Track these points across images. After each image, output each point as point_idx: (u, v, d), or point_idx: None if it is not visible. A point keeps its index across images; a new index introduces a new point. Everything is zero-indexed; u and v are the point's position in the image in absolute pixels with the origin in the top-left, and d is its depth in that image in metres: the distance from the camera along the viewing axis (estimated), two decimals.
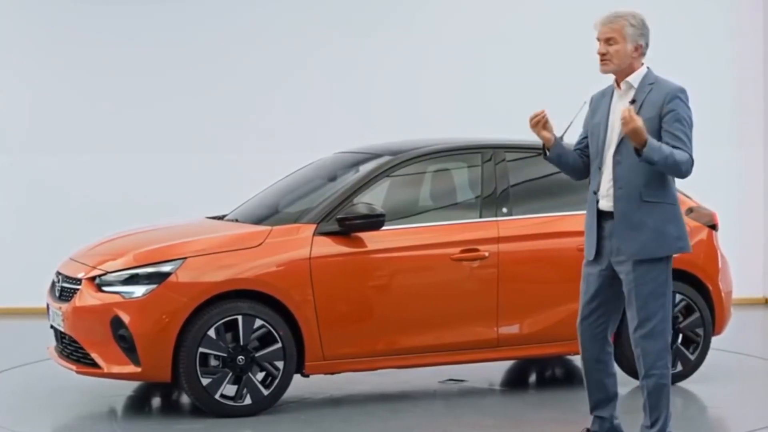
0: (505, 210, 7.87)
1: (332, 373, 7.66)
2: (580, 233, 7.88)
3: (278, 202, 8.13)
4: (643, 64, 6.10)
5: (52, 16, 12.16)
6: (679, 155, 5.84)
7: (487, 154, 7.98)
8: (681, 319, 8.15)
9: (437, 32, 12.29)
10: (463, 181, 8.09)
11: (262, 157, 11.79)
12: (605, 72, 6.11)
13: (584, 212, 7.99)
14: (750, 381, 8.66)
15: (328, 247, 7.46)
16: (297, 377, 7.48)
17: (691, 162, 5.90)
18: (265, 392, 7.31)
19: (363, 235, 7.53)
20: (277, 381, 7.32)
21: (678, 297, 8.13)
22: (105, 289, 7.31)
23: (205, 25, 12.19)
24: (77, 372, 7.44)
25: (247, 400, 7.28)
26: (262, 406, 7.33)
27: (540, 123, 6.25)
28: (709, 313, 8.22)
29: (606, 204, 6.11)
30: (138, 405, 7.91)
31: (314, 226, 7.49)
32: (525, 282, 7.83)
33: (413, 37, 12.28)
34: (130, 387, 8.17)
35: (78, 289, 7.42)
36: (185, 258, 7.28)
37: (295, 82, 12.16)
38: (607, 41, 6.04)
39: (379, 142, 8.53)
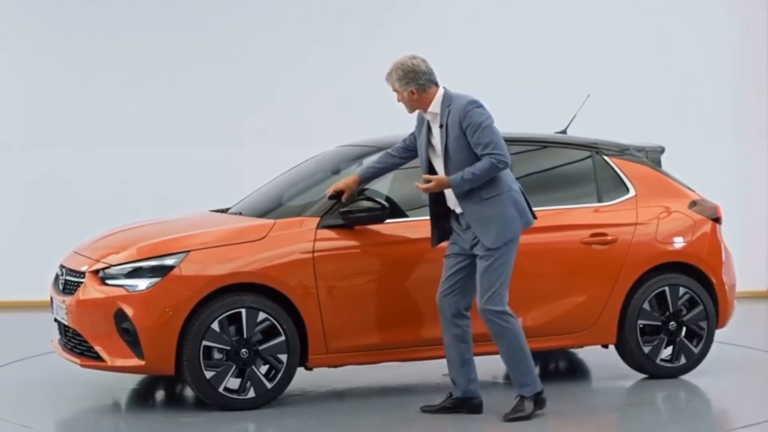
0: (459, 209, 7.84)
1: (335, 366, 7.66)
2: (582, 226, 7.99)
3: (282, 196, 8.13)
4: (437, 87, 7.16)
5: (50, 12, 12.16)
6: (479, 167, 6.85)
7: None
8: (684, 312, 8.14)
9: (437, 26, 12.28)
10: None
11: (263, 152, 11.80)
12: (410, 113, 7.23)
13: (586, 206, 8.00)
14: (753, 374, 8.66)
15: (331, 240, 7.46)
16: (300, 370, 7.48)
17: (495, 160, 6.84)
18: (269, 385, 7.32)
19: (366, 228, 7.52)
20: (280, 374, 7.32)
21: (681, 290, 8.12)
22: (108, 282, 7.31)
23: (204, 19, 12.19)
24: (81, 365, 7.44)
25: (251, 393, 7.28)
26: (266, 399, 7.33)
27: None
28: (712, 306, 8.22)
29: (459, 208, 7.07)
30: (142, 398, 7.91)
31: (318, 219, 7.49)
32: (528, 275, 7.79)
33: (413, 31, 12.26)
34: (133, 380, 8.18)
35: (82, 283, 7.42)
36: (189, 251, 7.28)
37: (295, 76, 12.16)
38: (396, 93, 7.25)
39: (382, 135, 8.52)
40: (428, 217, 7.68)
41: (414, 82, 7.10)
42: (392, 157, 7.50)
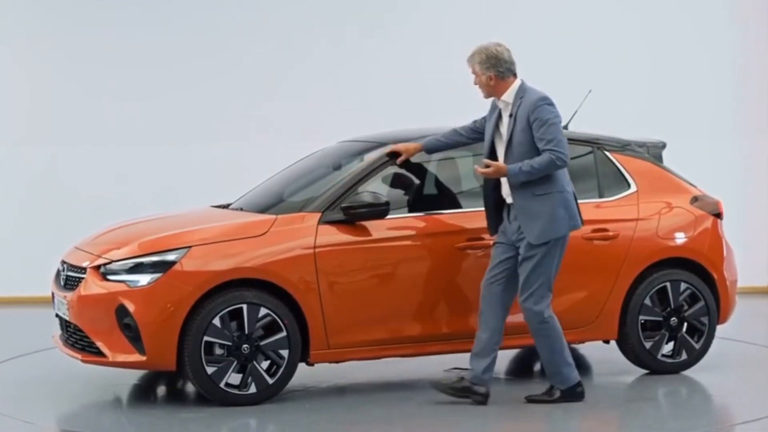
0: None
1: (337, 362, 7.66)
2: (585, 222, 7.95)
3: (283, 191, 8.13)
4: (514, 78, 7.30)
5: (52, 8, 12.16)
6: (538, 161, 7.04)
7: None
8: (686, 307, 8.14)
9: (439, 21, 12.28)
10: (468, 169, 8.07)
11: (264, 148, 11.80)
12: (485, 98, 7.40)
13: (588, 201, 8.01)
14: (755, 370, 8.66)
15: (332, 235, 7.46)
16: (302, 366, 7.49)
17: (555, 156, 7.03)
18: (270, 381, 7.32)
19: (368, 223, 7.52)
20: (281, 369, 7.33)
21: (683, 286, 8.12)
22: (110, 277, 7.31)
23: (207, 16, 12.18)
24: (82, 361, 7.44)
25: (252, 389, 7.29)
26: (267, 395, 7.34)
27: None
28: (713, 301, 8.21)
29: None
30: (143, 393, 7.92)
31: (319, 214, 7.49)
32: None
33: (415, 26, 12.27)
34: (135, 375, 8.19)
35: (83, 278, 7.43)
36: (190, 247, 7.28)
37: (297, 72, 12.15)
38: (474, 75, 7.38)
39: (384, 131, 8.52)
40: (429, 213, 7.70)
41: (494, 68, 7.27)
42: (459, 136, 7.68)
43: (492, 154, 7.33)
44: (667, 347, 8.13)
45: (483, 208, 7.69)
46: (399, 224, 7.60)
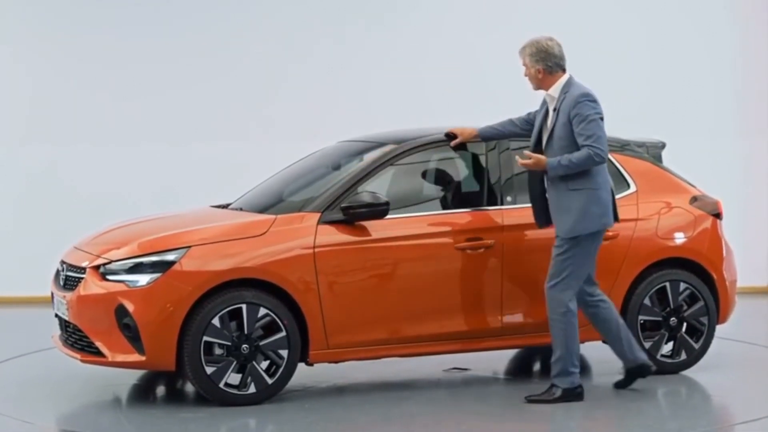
0: (509, 199, 7.86)
1: (336, 362, 7.66)
2: None
3: (282, 191, 8.13)
4: (563, 73, 7.41)
5: (52, 8, 12.15)
6: (576, 156, 7.15)
7: (491, 143, 7.97)
8: (685, 307, 8.14)
9: (439, 21, 12.28)
10: (467, 169, 8.08)
11: (265, 147, 11.80)
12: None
13: None
14: (754, 370, 8.66)
15: (332, 235, 7.46)
16: (301, 366, 7.49)
17: (592, 152, 7.13)
18: (270, 381, 7.32)
19: (367, 223, 7.52)
20: (281, 369, 7.33)
21: (682, 286, 8.12)
22: (109, 277, 7.31)
23: (208, 15, 12.18)
24: (82, 361, 7.44)
25: (252, 389, 7.29)
26: (267, 395, 7.34)
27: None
28: (713, 301, 8.21)
29: None
30: (142, 393, 7.92)
31: (318, 214, 7.49)
32: (529, 271, 7.81)
33: (416, 26, 12.28)
34: (134, 375, 8.18)
35: (82, 278, 7.43)
36: (189, 247, 7.28)
37: (298, 71, 12.15)
38: (524, 67, 7.48)
39: (384, 131, 8.52)
40: (428, 213, 7.71)
41: (543, 62, 7.41)
42: (513, 126, 7.80)
43: (538, 146, 7.44)
44: (667, 347, 8.13)
45: (480, 208, 7.71)
46: (398, 224, 7.60)
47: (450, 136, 7.86)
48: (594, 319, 7.54)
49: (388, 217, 7.54)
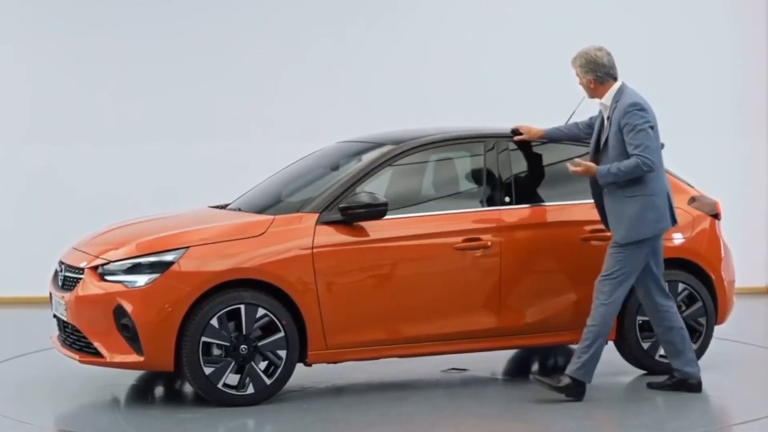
0: (507, 199, 7.86)
1: (335, 362, 7.67)
2: (582, 222, 7.98)
3: (281, 192, 8.13)
4: (614, 81, 7.56)
5: (52, 8, 12.15)
6: (625, 164, 7.30)
7: (489, 143, 7.98)
8: (683, 308, 8.14)
9: (439, 21, 12.28)
10: (465, 170, 8.08)
11: (264, 147, 11.80)
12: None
13: (586, 201, 8.03)
14: (752, 370, 8.66)
15: (330, 236, 7.46)
16: (299, 366, 7.49)
17: (640, 161, 7.26)
18: (268, 381, 7.32)
19: (365, 224, 7.52)
20: (279, 370, 7.33)
21: (680, 286, 8.13)
22: (108, 278, 7.31)
23: (207, 14, 12.18)
24: (80, 361, 7.44)
25: (250, 389, 7.29)
26: (265, 395, 7.34)
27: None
28: (711, 302, 8.22)
29: None
30: (141, 394, 7.91)
31: (317, 215, 7.49)
32: (527, 271, 7.82)
33: (415, 27, 12.28)
34: (132, 376, 8.18)
35: (81, 279, 7.43)
36: (188, 247, 7.28)
37: (297, 71, 12.16)
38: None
39: (382, 131, 8.52)
40: (427, 214, 7.71)
41: (593, 72, 7.58)
42: (578, 129, 7.99)
43: (596, 153, 7.60)
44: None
45: (479, 209, 7.72)
46: (397, 225, 7.60)
47: (516, 132, 7.97)
48: (656, 324, 7.65)
49: (386, 217, 7.54)
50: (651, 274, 7.57)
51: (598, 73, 7.55)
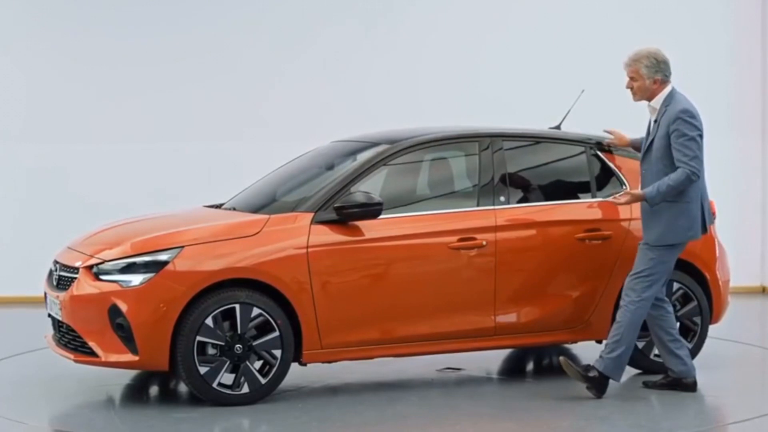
0: (502, 198, 7.87)
1: (330, 362, 7.67)
2: (577, 221, 7.98)
3: (276, 191, 8.13)
4: (669, 84, 7.67)
5: (49, 7, 12.14)
6: (674, 178, 7.35)
7: (484, 143, 7.98)
8: (678, 307, 8.15)
9: (435, 21, 12.28)
10: (460, 169, 8.09)
11: (260, 146, 11.80)
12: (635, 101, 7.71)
13: (581, 201, 8.04)
14: (747, 369, 8.67)
15: (325, 235, 7.46)
16: (294, 366, 7.49)
17: (690, 172, 7.37)
18: (263, 381, 7.32)
19: (360, 223, 7.52)
20: (274, 369, 7.33)
21: (675, 285, 8.13)
22: (102, 277, 7.31)
23: (202, 14, 12.17)
24: (75, 361, 7.44)
25: (245, 389, 7.29)
26: (260, 395, 7.34)
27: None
28: (706, 301, 8.23)
29: None
30: (136, 394, 7.91)
31: (312, 214, 7.49)
32: (523, 270, 7.83)
33: (410, 26, 12.28)
34: (127, 375, 8.18)
35: (75, 278, 7.42)
36: (183, 247, 7.28)
37: (293, 71, 12.15)
38: (631, 79, 7.65)
39: (377, 131, 8.52)
40: (421, 213, 7.72)
41: (661, 72, 7.66)
42: None
43: (646, 154, 7.63)
44: None
45: (474, 208, 7.74)
46: (392, 224, 7.60)
47: (606, 135, 8.19)
48: (652, 323, 7.67)
49: (381, 217, 7.54)
50: None
51: (666, 72, 7.65)
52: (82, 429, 6.98)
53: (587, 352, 8.76)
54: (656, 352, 8.06)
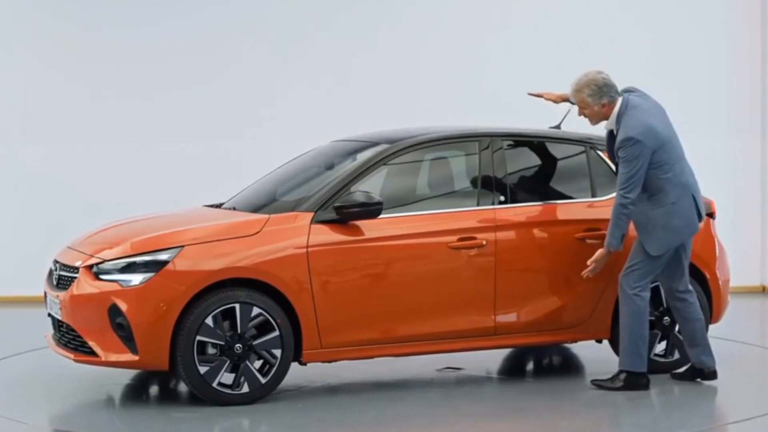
0: (502, 198, 7.87)
1: (329, 362, 7.66)
2: (577, 221, 7.99)
3: (276, 191, 8.12)
4: (615, 102, 7.63)
5: (48, 7, 12.14)
6: (615, 214, 7.50)
7: (484, 143, 7.98)
8: None
9: (436, 21, 12.28)
10: (460, 169, 8.08)
11: (260, 146, 11.80)
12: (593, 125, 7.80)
13: (581, 200, 8.04)
14: (747, 369, 8.67)
15: (325, 235, 7.46)
16: (294, 365, 7.49)
17: (619, 200, 7.47)
18: (263, 380, 7.32)
19: (360, 223, 7.52)
20: (274, 369, 7.32)
21: None
22: (102, 277, 7.31)
23: (202, 14, 12.17)
24: (75, 360, 7.43)
25: (245, 389, 7.28)
26: (260, 394, 7.34)
27: None
28: (706, 301, 8.22)
29: None
30: (136, 393, 7.91)
31: (312, 214, 7.49)
32: (522, 270, 7.83)
33: (411, 26, 12.27)
34: (127, 375, 8.18)
35: (75, 278, 7.42)
36: (183, 246, 7.27)
37: (294, 70, 12.15)
38: (581, 108, 7.71)
39: (377, 130, 8.52)
40: (421, 213, 7.72)
41: (606, 95, 7.64)
42: None
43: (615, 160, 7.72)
44: (660, 346, 8.14)
45: (473, 208, 7.73)
46: (392, 224, 7.60)
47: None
48: (677, 314, 7.80)
49: (381, 216, 7.54)
50: (679, 264, 7.70)
51: (610, 93, 7.65)
52: (82, 428, 6.98)
53: (587, 351, 8.77)
54: (656, 350, 8.07)
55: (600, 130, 8.24)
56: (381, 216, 7.53)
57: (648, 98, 7.80)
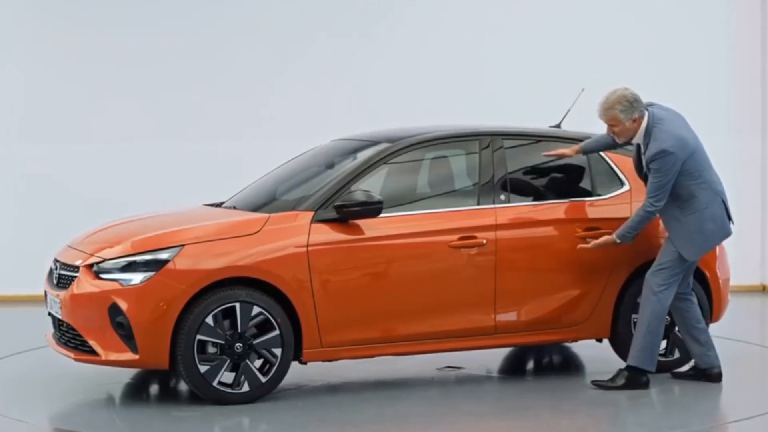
0: (502, 197, 7.87)
1: (330, 361, 7.66)
2: (577, 220, 7.98)
3: (276, 190, 8.12)
4: (644, 115, 7.63)
5: (48, 7, 12.14)
6: (640, 215, 7.58)
7: (485, 142, 7.98)
8: None
9: (436, 20, 12.28)
10: (461, 168, 8.08)
11: (260, 145, 11.80)
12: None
13: (582, 199, 8.05)
14: (747, 368, 8.67)
15: (325, 234, 7.46)
16: (294, 364, 7.49)
17: (645, 211, 7.56)
18: (263, 379, 7.32)
19: (361, 222, 7.52)
20: (274, 368, 7.32)
21: None
22: (103, 276, 7.31)
23: (202, 14, 12.17)
24: (75, 359, 7.44)
25: (245, 388, 7.28)
26: (260, 393, 7.34)
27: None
28: (706, 300, 8.22)
29: None
30: (136, 392, 7.91)
31: (312, 213, 7.49)
32: (523, 269, 7.83)
33: (411, 25, 12.27)
34: (128, 374, 8.18)
35: (76, 277, 7.42)
36: (183, 245, 7.27)
37: (294, 69, 12.15)
38: (611, 126, 7.68)
39: (377, 129, 8.52)
40: (422, 212, 7.73)
41: (637, 110, 7.66)
42: (610, 138, 7.91)
43: (641, 172, 7.82)
44: (660, 346, 8.12)
45: (474, 207, 7.74)
46: (392, 223, 7.60)
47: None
48: (679, 314, 7.83)
49: (381, 215, 7.54)
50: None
51: (640, 107, 7.67)
52: (83, 427, 6.98)
53: (587, 351, 8.77)
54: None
55: (600, 128, 8.26)
56: (381, 215, 7.53)
57: (667, 109, 7.84)
